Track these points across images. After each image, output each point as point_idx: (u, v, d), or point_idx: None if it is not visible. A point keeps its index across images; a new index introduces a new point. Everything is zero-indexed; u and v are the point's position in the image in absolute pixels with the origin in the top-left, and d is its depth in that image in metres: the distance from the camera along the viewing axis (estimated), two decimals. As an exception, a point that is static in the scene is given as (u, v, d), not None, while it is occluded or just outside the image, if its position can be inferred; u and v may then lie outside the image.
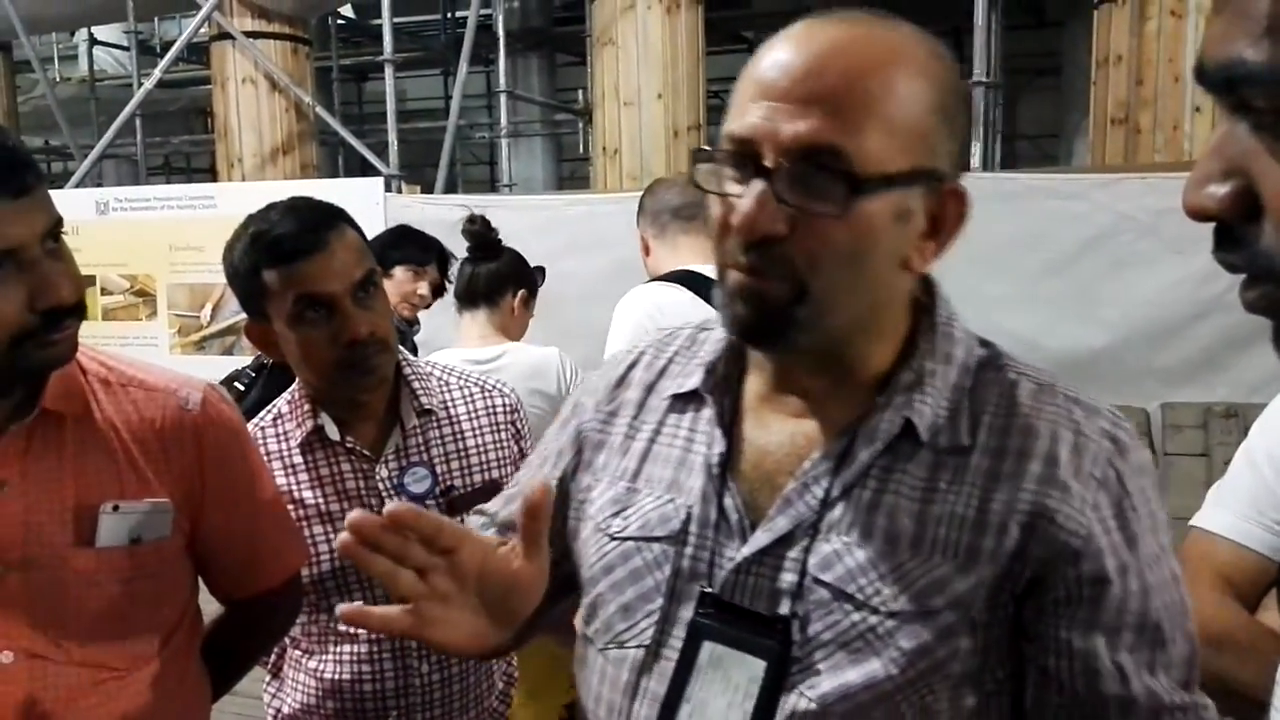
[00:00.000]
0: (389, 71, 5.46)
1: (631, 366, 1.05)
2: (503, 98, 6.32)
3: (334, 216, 1.50)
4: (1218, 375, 3.60)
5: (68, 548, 1.16)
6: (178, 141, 10.14)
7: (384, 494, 1.50)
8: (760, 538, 0.90)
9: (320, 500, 1.50)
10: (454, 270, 2.67)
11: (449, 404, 1.58)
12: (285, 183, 5.77)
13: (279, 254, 1.44)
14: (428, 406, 1.55)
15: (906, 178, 0.82)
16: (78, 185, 6.01)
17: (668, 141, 5.34)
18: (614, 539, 0.97)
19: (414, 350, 2.72)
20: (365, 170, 6.88)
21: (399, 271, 2.93)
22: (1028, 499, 0.85)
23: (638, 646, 0.94)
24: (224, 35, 6.09)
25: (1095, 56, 5.19)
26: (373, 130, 9.06)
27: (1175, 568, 0.89)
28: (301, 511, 1.49)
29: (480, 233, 2.46)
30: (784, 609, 0.88)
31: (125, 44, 8.65)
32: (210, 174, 10.58)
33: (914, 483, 0.88)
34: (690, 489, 0.94)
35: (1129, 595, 0.85)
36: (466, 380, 1.63)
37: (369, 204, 4.51)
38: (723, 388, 0.96)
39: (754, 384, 0.96)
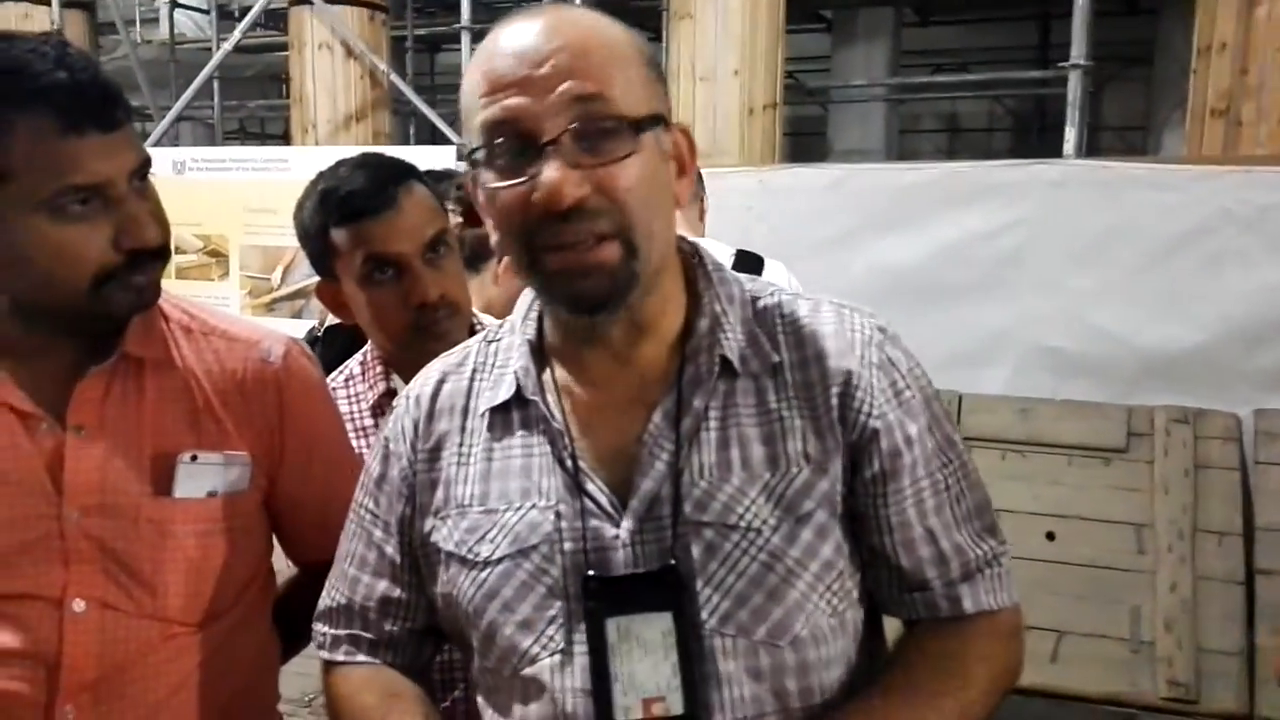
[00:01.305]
0: (466, 40, 5.43)
1: (434, 398, 1.06)
2: (577, 71, 6.24)
3: (405, 173, 1.46)
4: (1318, 381, 3.42)
5: (144, 496, 1.13)
6: (253, 106, 10.23)
7: None
8: (636, 507, 0.94)
9: None
10: None
11: None
12: (359, 148, 5.76)
13: (347, 212, 1.41)
14: None
15: (655, 119, 0.92)
16: (155, 145, 6.07)
17: (742, 118, 5.22)
18: (487, 564, 0.98)
19: None
20: (435, 140, 6.86)
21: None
22: (835, 394, 0.96)
23: (552, 654, 0.95)
24: (302, 1, 6.09)
25: (1197, 44, 4.98)
26: (444, 101, 9.05)
27: (951, 432, 1.01)
28: None
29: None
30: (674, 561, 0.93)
31: (205, 8, 8.73)
32: (284, 140, 10.66)
33: (749, 410, 0.96)
34: (548, 490, 0.97)
35: (917, 461, 0.98)
36: None
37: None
38: (540, 386, 1.00)
39: (562, 374, 1.01)
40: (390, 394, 1.49)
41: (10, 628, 1.09)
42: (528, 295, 1.07)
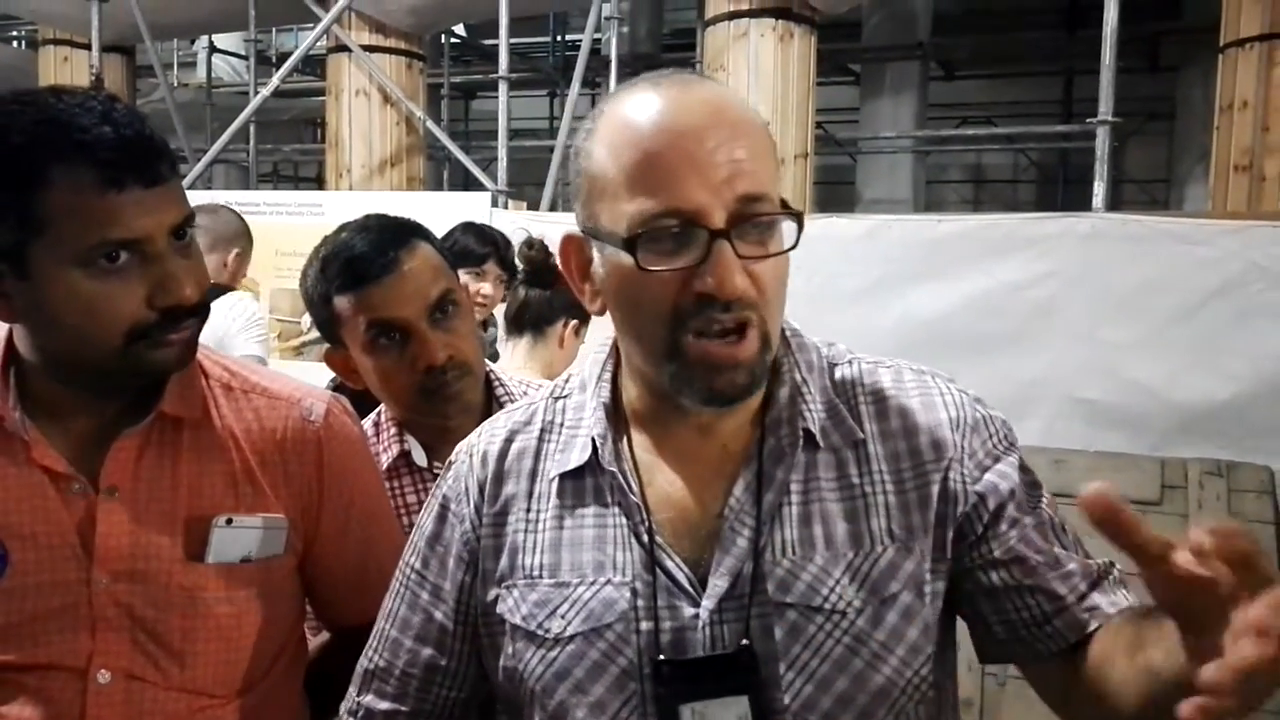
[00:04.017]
0: (503, 88, 5.49)
1: (502, 458, 1.02)
2: (609, 120, 6.29)
3: (407, 232, 1.43)
4: (1352, 437, 3.41)
5: (176, 562, 1.10)
6: (288, 150, 10.38)
7: None
8: (718, 585, 0.91)
9: (407, 528, 1.43)
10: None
11: None
12: (393, 194, 5.83)
13: (347, 279, 1.39)
14: None
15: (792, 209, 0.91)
16: (189, 188, 6.16)
17: (774, 169, 5.28)
18: (558, 641, 0.93)
19: (493, 356, 2.56)
20: (468, 186, 6.94)
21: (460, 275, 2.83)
22: (931, 468, 0.94)
23: None
24: (341, 48, 6.21)
25: (1219, 101, 5.04)
26: (477, 148, 9.17)
27: (1035, 477, 0.97)
28: None
29: (538, 259, 2.31)
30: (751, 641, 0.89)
31: (243, 53, 8.90)
32: (316, 183, 10.81)
33: (830, 485, 0.94)
34: (623, 564, 0.93)
35: (1019, 505, 0.94)
36: None
37: (476, 219, 4.52)
38: (617, 454, 0.96)
39: (640, 441, 0.97)
40: (405, 456, 1.47)
41: (30, 700, 1.04)
42: (599, 353, 1.04)
